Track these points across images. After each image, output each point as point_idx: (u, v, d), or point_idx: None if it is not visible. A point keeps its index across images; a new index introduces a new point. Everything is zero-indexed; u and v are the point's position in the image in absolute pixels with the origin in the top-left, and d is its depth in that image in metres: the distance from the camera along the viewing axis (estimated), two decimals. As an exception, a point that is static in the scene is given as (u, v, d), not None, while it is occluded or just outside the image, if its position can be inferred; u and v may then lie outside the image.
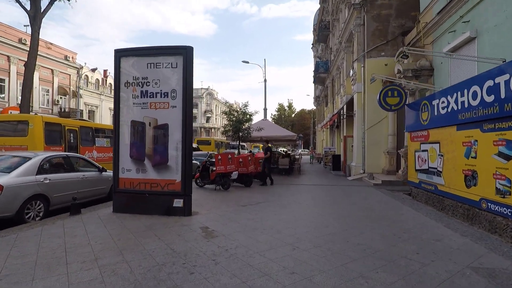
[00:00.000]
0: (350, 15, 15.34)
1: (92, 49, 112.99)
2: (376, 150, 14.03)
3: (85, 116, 35.13)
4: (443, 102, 6.34)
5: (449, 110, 6.09)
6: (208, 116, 71.52)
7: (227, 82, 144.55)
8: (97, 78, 38.28)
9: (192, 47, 5.97)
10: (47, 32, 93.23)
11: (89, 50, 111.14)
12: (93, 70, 37.96)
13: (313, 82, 34.29)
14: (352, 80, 15.48)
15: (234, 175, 10.66)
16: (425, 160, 7.30)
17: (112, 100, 6.21)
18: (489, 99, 4.81)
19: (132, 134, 6.11)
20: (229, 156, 9.72)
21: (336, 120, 19.14)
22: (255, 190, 9.82)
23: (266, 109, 22.97)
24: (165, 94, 6.00)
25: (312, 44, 43.78)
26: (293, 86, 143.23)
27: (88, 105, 36.19)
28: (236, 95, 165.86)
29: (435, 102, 6.71)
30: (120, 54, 6.19)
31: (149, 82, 6.05)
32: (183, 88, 5.92)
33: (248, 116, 14.69)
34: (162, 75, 6.03)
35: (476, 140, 5.22)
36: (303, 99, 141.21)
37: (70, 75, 33.43)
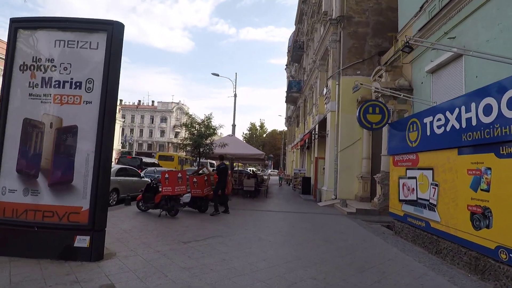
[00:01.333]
0: (327, 30, 14.63)
1: None
2: (349, 174, 12.92)
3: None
4: (439, 119, 5.18)
5: (447, 129, 4.93)
6: (177, 131, 68.68)
7: (200, 99, 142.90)
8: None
9: (122, 23, 4.35)
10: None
11: None
12: None
13: (285, 102, 33.66)
14: (326, 98, 14.56)
15: (186, 198, 8.87)
16: (413, 189, 6.07)
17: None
18: (511, 114, 3.64)
19: (23, 138, 4.23)
20: (179, 174, 7.92)
21: (307, 141, 18.07)
22: (209, 218, 8.04)
23: (235, 125, 21.47)
24: (78, 84, 4.25)
25: (286, 65, 43.84)
26: (266, 107, 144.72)
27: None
28: (208, 112, 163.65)
29: (427, 120, 5.57)
30: (18, 25, 4.40)
31: (55, 66, 4.28)
32: (104, 77, 4.23)
33: (211, 130, 13.07)
34: (76, 58, 4.30)
35: (489, 168, 4.01)
36: (275, 120, 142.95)
37: None
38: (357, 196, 12.56)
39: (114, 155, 25.04)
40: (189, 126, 12.74)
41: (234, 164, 23.48)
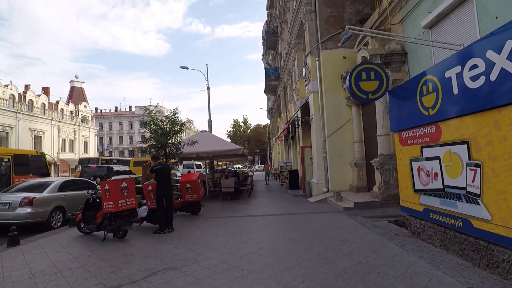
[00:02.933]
0: (300, 2, 12.84)
1: (34, 69, 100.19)
2: (340, 162, 11.26)
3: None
4: (474, 67, 3.46)
5: (492, 77, 3.21)
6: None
7: (180, 101, 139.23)
8: (11, 94, 31.62)
9: None
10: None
11: (30, 70, 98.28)
12: (6, 85, 31.32)
13: (264, 92, 31.84)
14: (306, 79, 12.79)
15: (143, 211, 6.93)
16: (436, 174, 4.36)
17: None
18: None
19: None
20: (123, 184, 5.93)
21: (290, 129, 16.33)
22: (169, 237, 6.14)
23: (211, 120, 19.43)
24: None
25: (262, 56, 41.95)
26: (248, 103, 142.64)
27: (-1, 125, 29.32)
28: (189, 113, 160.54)
29: (451, 72, 3.85)
30: None
31: None
32: None
33: (178, 127, 11.07)
34: None
35: None
36: (258, 114, 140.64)
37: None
38: (352, 187, 10.91)
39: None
40: (151, 124, 10.70)
41: (215, 163, 21.56)
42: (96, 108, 69.30)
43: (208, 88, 19.97)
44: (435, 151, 4.35)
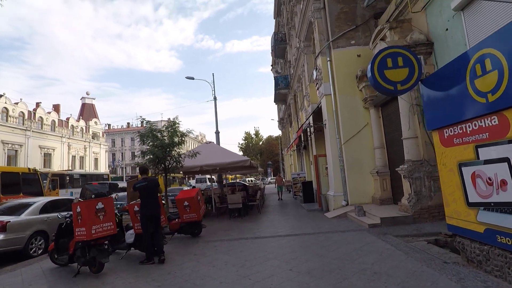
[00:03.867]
0: (307, 0, 11.97)
1: (53, 89, 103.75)
2: (360, 171, 10.01)
3: (2, 158, 28.42)
4: None
5: None
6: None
7: (193, 116, 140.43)
8: (21, 111, 31.90)
9: None
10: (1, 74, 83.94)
11: (49, 90, 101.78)
12: (16, 103, 31.69)
13: (274, 102, 30.91)
14: (317, 82, 11.75)
15: (129, 237, 5.92)
16: (503, 182, 3.18)
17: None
18: None
19: None
20: (99, 204, 4.92)
21: (302, 138, 15.19)
22: (155, 271, 5.06)
23: (218, 132, 18.53)
24: None
25: (272, 66, 41.38)
26: (260, 116, 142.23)
27: (7, 143, 29.42)
28: (203, 128, 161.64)
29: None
30: None
31: None
32: None
33: (178, 138, 10.17)
34: None
35: None
36: (270, 126, 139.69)
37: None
38: (375, 199, 9.62)
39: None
40: (148, 136, 9.82)
41: (227, 177, 20.42)
42: (109, 125, 70.09)
43: (215, 98, 19.19)
44: (501, 150, 3.18)
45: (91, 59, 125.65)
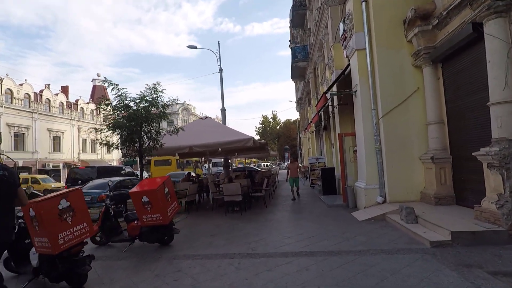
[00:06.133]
0: None
1: (76, 76, 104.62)
2: (404, 155, 7.16)
3: (8, 142, 27.37)
4: None
5: None
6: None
7: (213, 100, 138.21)
8: (27, 93, 30.62)
9: None
10: (28, 62, 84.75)
11: (73, 77, 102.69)
12: (21, 84, 30.37)
13: (291, 77, 27.77)
14: (346, 37, 8.74)
15: (33, 258, 3.58)
16: None
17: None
18: None
19: None
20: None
21: (322, 115, 12.28)
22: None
23: (225, 109, 15.97)
24: None
25: (289, 41, 37.83)
26: (279, 100, 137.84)
27: (14, 126, 28.32)
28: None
29: None
30: None
31: None
32: None
33: (160, 109, 7.62)
34: None
35: None
36: (289, 111, 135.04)
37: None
38: (426, 196, 6.77)
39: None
40: (114, 107, 7.37)
41: (242, 160, 17.47)
42: (124, 108, 69.27)
43: (221, 70, 16.52)
44: None
45: (112, 45, 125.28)
